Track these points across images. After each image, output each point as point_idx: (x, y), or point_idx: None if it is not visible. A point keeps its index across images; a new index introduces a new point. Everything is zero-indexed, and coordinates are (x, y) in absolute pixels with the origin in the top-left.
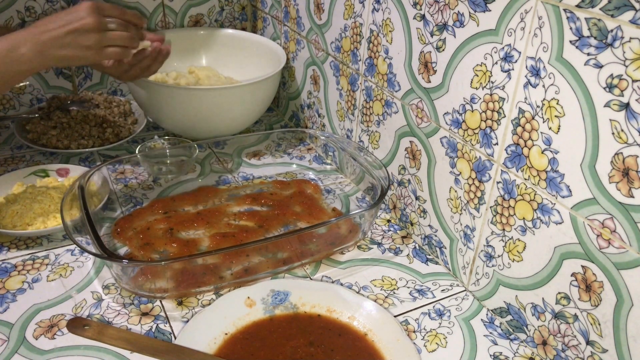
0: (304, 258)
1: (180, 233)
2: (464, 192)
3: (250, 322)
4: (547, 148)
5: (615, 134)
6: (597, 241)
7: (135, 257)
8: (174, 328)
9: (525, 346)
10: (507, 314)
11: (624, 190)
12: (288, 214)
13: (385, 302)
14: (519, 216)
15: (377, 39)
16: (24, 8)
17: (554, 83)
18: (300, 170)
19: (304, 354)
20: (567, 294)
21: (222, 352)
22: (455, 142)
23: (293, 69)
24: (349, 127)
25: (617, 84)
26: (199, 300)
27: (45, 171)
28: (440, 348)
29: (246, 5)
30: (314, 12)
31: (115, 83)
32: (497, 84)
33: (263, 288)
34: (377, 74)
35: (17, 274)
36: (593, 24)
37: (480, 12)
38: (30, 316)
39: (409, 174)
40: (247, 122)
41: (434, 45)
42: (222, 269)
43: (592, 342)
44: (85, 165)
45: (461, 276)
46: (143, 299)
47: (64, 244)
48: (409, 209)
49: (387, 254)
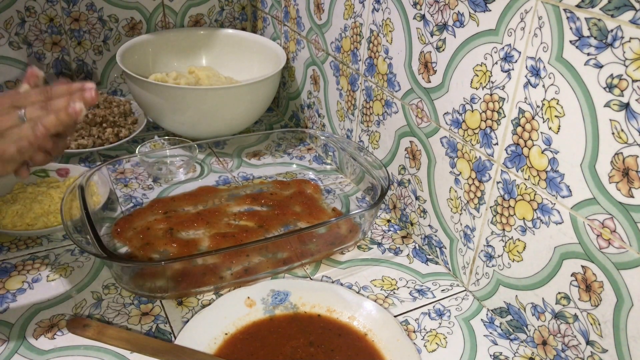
0: (304, 258)
1: (180, 233)
2: (464, 192)
3: (250, 322)
4: (547, 148)
5: (615, 134)
6: (597, 241)
7: (135, 257)
8: (174, 328)
9: (525, 346)
10: (507, 314)
11: (624, 190)
12: (288, 214)
13: (385, 302)
14: (519, 216)
15: (377, 39)
16: (24, 8)
17: (554, 83)
18: (300, 170)
19: (304, 354)
20: (567, 294)
21: (222, 352)
22: (455, 142)
23: (293, 69)
24: (349, 127)
25: (617, 84)
26: (199, 300)
27: (45, 171)
28: (440, 348)
29: (246, 5)
30: (314, 12)
31: (115, 83)
32: (497, 84)
33: (263, 288)
34: (377, 74)
35: (17, 274)
36: (593, 24)
37: (480, 12)
38: (30, 316)
39: (409, 174)
40: (247, 122)
41: (434, 45)
42: (222, 269)
43: (592, 342)
44: (85, 165)
45: (461, 276)
46: (143, 299)
47: (64, 244)
48: (409, 209)
49: (387, 254)
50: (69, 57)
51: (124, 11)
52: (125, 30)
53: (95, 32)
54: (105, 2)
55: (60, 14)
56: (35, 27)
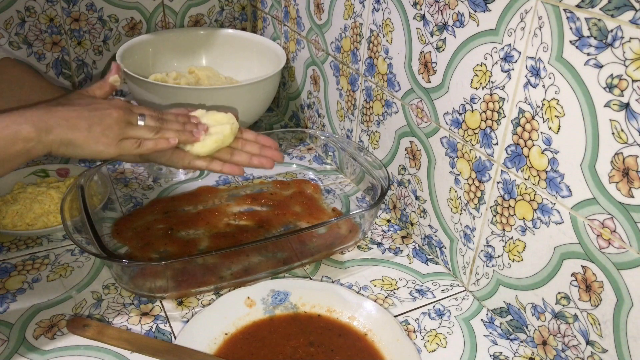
0: (304, 258)
1: (180, 233)
2: (464, 192)
3: (250, 322)
4: (547, 148)
5: (615, 134)
6: (597, 241)
7: (135, 257)
8: (174, 328)
9: (525, 346)
10: (507, 314)
11: (624, 190)
12: (288, 214)
13: (385, 302)
14: (519, 216)
15: (377, 39)
16: (24, 8)
17: (554, 83)
18: (300, 170)
19: (304, 354)
20: (567, 294)
21: (222, 352)
22: (455, 142)
23: (293, 69)
24: (349, 127)
25: (617, 84)
26: (199, 300)
27: (45, 171)
28: (440, 348)
29: (246, 5)
30: (314, 12)
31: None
32: (497, 84)
33: (263, 288)
34: (377, 74)
35: (17, 274)
36: (593, 24)
37: (480, 12)
38: (30, 316)
39: (409, 174)
40: (247, 122)
41: (434, 45)
42: (222, 269)
43: (592, 342)
44: (85, 165)
45: (461, 276)
46: (143, 299)
47: (64, 244)
48: (409, 209)
49: (387, 254)
50: (69, 57)
51: (124, 11)
52: (125, 30)
53: (95, 32)
54: (105, 2)
55: (60, 14)
56: (35, 27)
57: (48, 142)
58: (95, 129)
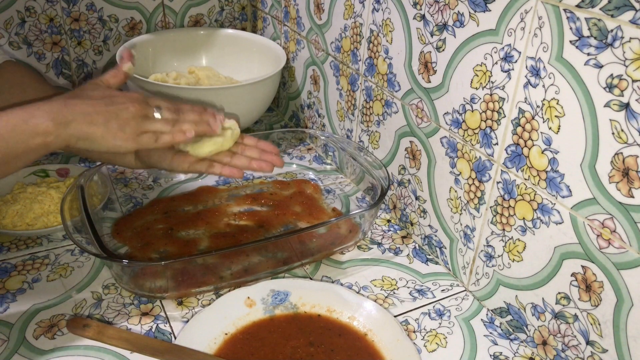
0: (304, 258)
1: (180, 233)
2: (464, 192)
3: (250, 322)
4: (547, 148)
5: (615, 134)
6: (597, 241)
7: (135, 257)
8: (174, 328)
9: (525, 346)
10: (507, 314)
11: (624, 190)
12: (288, 214)
13: (385, 302)
14: (519, 216)
15: (377, 39)
16: (24, 8)
17: (554, 83)
18: (300, 170)
19: (304, 354)
20: (567, 294)
21: (222, 352)
22: (455, 142)
23: (293, 69)
24: (349, 127)
25: (617, 84)
26: (199, 300)
27: (45, 171)
28: (440, 348)
29: (246, 5)
30: (314, 12)
31: None
32: (497, 84)
33: (263, 288)
34: (377, 74)
35: (17, 274)
36: (593, 24)
37: (480, 12)
38: (30, 316)
39: (409, 174)
40: (247, 122)
41: (434, 45)
42: (222, 269)
43: (592, 342)
44: (85, 165)
45: (461, 276)
46: (143, 299)
47: (64, 244)
48: (409, 209)
49: (387, 254)
50: (69, 57)
51: (124, 11)
52: (125, 30)
53: (95, 32)
54: (105, 2)
55: (60, 14)
56: (35, 27)
57: (66, 136)
58: (113, 123)
